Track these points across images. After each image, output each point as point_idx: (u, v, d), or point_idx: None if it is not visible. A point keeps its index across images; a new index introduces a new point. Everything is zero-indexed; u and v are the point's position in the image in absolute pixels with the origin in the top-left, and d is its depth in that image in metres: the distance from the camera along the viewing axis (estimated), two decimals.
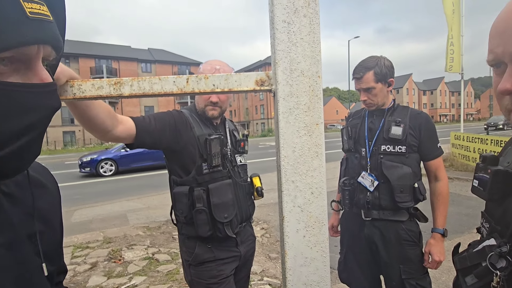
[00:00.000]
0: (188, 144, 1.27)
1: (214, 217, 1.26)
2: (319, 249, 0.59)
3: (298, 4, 0.60)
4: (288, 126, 0.60)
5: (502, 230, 0.61)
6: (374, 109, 1.58)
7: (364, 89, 1.53)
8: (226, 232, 1.27)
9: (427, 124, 1.52)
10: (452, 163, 7.80)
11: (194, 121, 1.32)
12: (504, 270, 0.56)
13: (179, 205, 1.29)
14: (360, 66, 1.54)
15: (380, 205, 1.52)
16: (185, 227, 1.33)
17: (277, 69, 0.61)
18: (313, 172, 0.59)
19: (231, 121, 1.55)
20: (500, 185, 0.63)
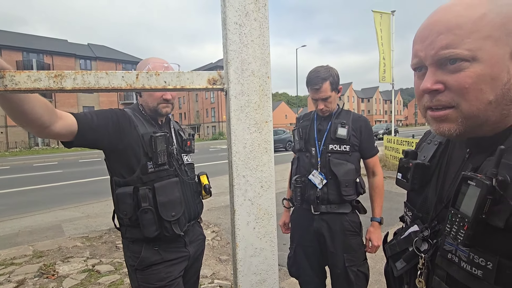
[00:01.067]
0: (132, 142, 1.23)
1: (161, 216, 1.23)
2: (268, 239, 0.63)
3: (249, 8, 0.63)
4: (239, 123, 0.62)
5: (423, 217, 0.67)
6: (326, 115, 1.72)
7: (323, 99, 1.66)
8: (174, 230, 1.25)
9: (366, 127, 1.72)
10: (385, 164, 8.68)
11: (138, 120, 1.28)
12: (427, 252, 0.62)
13: (123, 206, 1.23)
14: (317, 77, 1.65)
15: (328, 200, 1.65)
16: (130, 230, 1.27)
17: (229, 68, 0.63)
18: (263, 167, 0.63)
19: (176, 122, 1.55)
20: (419, 176, 0.70)
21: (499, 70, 0.50)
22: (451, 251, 0.55)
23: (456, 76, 0.51)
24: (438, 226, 0.62)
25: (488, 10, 0.50)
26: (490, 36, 0.49)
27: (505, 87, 0.51)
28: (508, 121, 0.54)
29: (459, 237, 0.51)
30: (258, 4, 0.63)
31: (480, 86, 0.50)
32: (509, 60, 0.51)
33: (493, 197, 0.47)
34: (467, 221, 0.49)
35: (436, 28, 0.52)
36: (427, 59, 0.54)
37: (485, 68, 0.50)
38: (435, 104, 0.55)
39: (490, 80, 0.50)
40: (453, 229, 0.52)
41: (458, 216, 0.52)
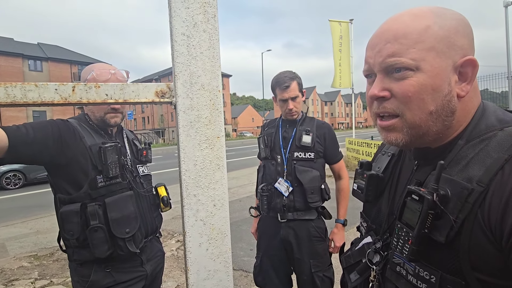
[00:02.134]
0: (78, 155, 1.13)
1: (114, 233, 1.14)
2: (222, 260, 0.60)
3: (197, 18, 0.60)
4: (189, 139, 0.59)
5: (377, 228, 0.67)
6: (295, 118, 1.73)
7: (292, 97, 1.67)
8: (128, 248, 1.17)
9: (330, 133, 1.77)
10: (347, 165, 9.07)
11: (84, 130, 1.18)
12: (378, 265, 0.62)
13: (69, 226, 1.12)
14: (285, 77, 1.67)
15: (294, 207, 1.66)
16: (78, 252, 1.16)
17: (177, 81, 0.60)
18: (215, 184, 0.60)
19: (130, 131, 1.46)
20: (373, 188, 0.70)
21: (441, 81, 0.51)
22: (400, 264, 0.56)
23: (401, 84, 0.52)
24: (389, 238, 0.62)
25: (432, 22, 0.51)
26: (433, 48, 0.51)
27: (446, 99, 0.52)
28: (450, 133, 0.56)
29: (404, 252, 0.51)
30: (207, 15, 0.61)
31: (422, 96, 0.52)
32: (451, 72, 0.52)
33: (435, 211, 0.48)
34: (412, 236, 0.50)
35: (384, 36, 0.54)
36: (376, 66, 0.55)
37: (427, 79, 0.51)
38: (382, 111, 0.56)
39: (432, 90, 0.51)
40: (399, 243, 0.53)
41: (403, 230, 0.52)
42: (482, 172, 0.47)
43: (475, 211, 0.46)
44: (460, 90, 0.53)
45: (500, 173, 0.46)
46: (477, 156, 0.50)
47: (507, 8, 8.75)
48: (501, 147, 0.48)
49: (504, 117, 0.54)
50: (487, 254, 0.45)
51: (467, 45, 0.53)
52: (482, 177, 0.47)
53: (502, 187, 0.45)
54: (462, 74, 0.53)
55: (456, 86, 0.53)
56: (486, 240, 0.45)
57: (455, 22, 0.52)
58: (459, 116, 0.54)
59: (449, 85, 0.52)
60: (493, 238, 0.45)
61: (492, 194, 0.45)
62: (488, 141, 0.50)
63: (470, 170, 0.49)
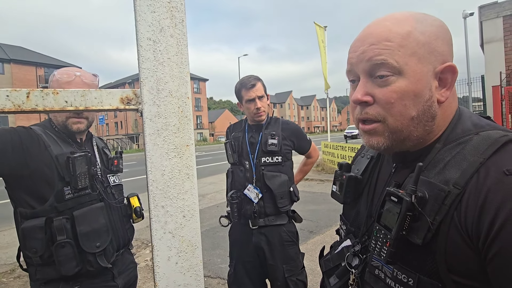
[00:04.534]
0: (42, 166, 1.05)
1: (83, 248, 1.07)
2: (193, 273, 0.58)
3: (164, 23, 0.59)
4: (156, 148, 0.57)
5: (356, 231, 0.67)
6: (263, 119, 1.72)
7: (259, 96, 1.67)
8: (99, 263, 1.10)
9: (296, 131, 1.80)
10: (324, 168, 9.27)
11: (50, 139, 1.10)
12: (357, 268, 0.61)
13: (32, 243, 1.04)
14: (250, 78, 1.69)
15: (265, 213, 1.65)
16: (41, 270, 1.08)
17: (143, 88, 0.57)
18: (185, 194, 0.58)
19: (100, 139, 1.39)
20: (352, 190, 0.69)
21: (422, 87, 0.52)
22: (378, 267, 0.56)
23: (384, 90, 0.53)
24: (368, 241, 0.61)
25: (413, 28, 0.52)
26: (415, 53, 0.51)
27: (427, 104, 0.53)
28: (430, 137, 0.56)
29: (382, 254, 0.51)
30: (175, 19, 0.59)
31: (404, 102, 0.52)
32: (431, 78, 0.53)
33: (413, 213, 0.48)
34: (390, 238, 0.49)
35: (368, 40, 0.54)
36: (359, 66, 0.55)
37: (409, 84, 0.51)
38: (364, 116, 0.56)
39: (413, 96, 0.52)
40: (377, 246, 0.52)
41: (382, 232, 0.52)
42: (459, 174, 0.48)
43: (452, 213, 0.46)
44: (440, 96, 0.54)
45: (475, 176, 0.46)
46: (453, 159, 0.50)
47: (465, 19, 9.42)
48: (477, 150, 0.49)
49: (479, 122, 0.55)
50: (463, 256, 0.46)
51: (447, 52, 0.54)
52: (459, 179, 0.47)
53: (478, 190, 0.45)
54: (442, 80, 0.54)
55: (437, 92, 0.54)
56: (462, 242, 0.46)
57: (435, 29, 0.53)
58: (439, 121, 0.55)
59: (430, 91, 0.53)
60: (469, 240, 0.45)
61: (468, 196, 0.46)
62: (464, 144, 0.51)
63: (447, 172, 0.49)
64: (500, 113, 5.86)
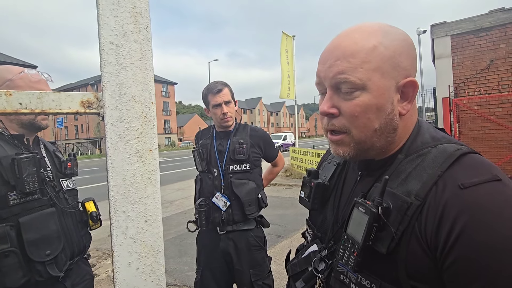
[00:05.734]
0: None
1: (30, 257, 1.01)
2: (155, 278, 0.57)
3: (127, 28, 0.59)
4: (118, 153, 0.56)
5: (322, 236, 0.68)
6: (230, 124, 1.72)
7: (225, 101, 1.67)
8: (49, 272, 1.04)
9: (264, 138, 1.83)
10: (292, 173, 9.47)
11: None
12: (323, 273, 0.63)
13: None
14: (216, 83, 1.69)
15: (233, 220, 1.66)
16: None
17: (104, 92, 0.57)
18: (147, 199, 0.58)
19: (51, 142, 1.33)
20: (319, 196, 0.71)
21: (385, 101, 0.54)
22: (343, 273, 0.57)
23: (349, 104, 0.55)
24: (334, 246, 0.63)
25: (379, 42, 0.53)
26: (379, 68, 0.53)
27: (389, 117, 0.55)
28: (392, 148, 0.59)
29: (350, 263, 0.53)
30: (139, 25, 0.59)
31: (367, 115, 0.55)
32: (394, 92, 0.55)
33: (378, 224, 0.50)
34: (357, 248, 0.52)
35: (335, 53, 0.56)
36: (326, 80, 0.57)
37: (372, 99, 0.54)
38: (331, 127, 0.59)
39: (376, 109, 0.54)
40: (345, 254, 0.54)
41: (349, 241, 0.54)
42: (419, 186, 0.50)
43: (413, 223, 0.49)
44: (401, 109, 0.56)
45: (434, 188, 0.49)
46: (414, 171, 0.53)
47: (419, 36, 10.25)
48: (435, 163, 0.52)
49: (436, 134, 0.58)
50: (422, 264, 0.48)
51: (410, 66, 0.56)
52: (419, 191, 0.50)
53: (436, 202, 0.48)
54: (404, 93, 0.56)
55: (398, 105, 0.56)
56: (421, 250, 0.48)
57: (400, 43, 0.55)
58: (400, 132, 0.58)
59: (392, 104, 0.55)
60: (428, 249, 0.48)
61: (428, 208, 0.48)
62: (423, 156, 0.54)
63: (408, 184, 0.52)
64: (449, 122, 6.43)
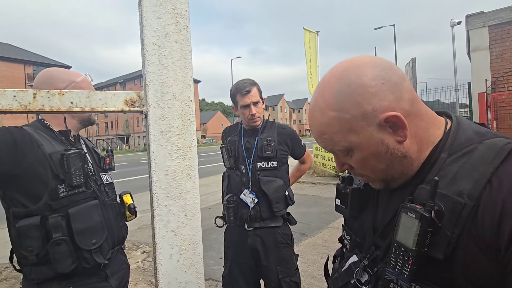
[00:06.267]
0: (35, 165, 1.05)
1: (79, 245, 1.08)
2: (194, 271, 0.60)
3: (169, 29, 0.61)
4: (160, 149, 0.59)
5: (361, 242, 0.66)
6: (258, 124, 1.74)
7: (254, 102, 1.68)
8: (96, 260, 1.11)
9: (292, 136, 1.82)
10: (315, 171, 9.35)
11: (42, 138, 1.10)
12: (368, 283, 0.60)
13: (28, 241, 1.04)
14: (245, 83, 1.69)
15: (261, 217, 1.67)
16: (36, 269, 1.08)
17: (148, 90, 0.59)
18: (187, 194, 0.60)
19: (88, 140, 1.42)
20: (357, 202, 0.69)
21: (375, 147, 0.54)
22: (393, 280, 0.55)
23: (351, 161, 0.58)
24: (375, 252, 0.61)
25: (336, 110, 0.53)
26: (350, 129, 0.53)
27: (388, 155, 0.54)
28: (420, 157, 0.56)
29: (405, 272, 0.50)
30: (179, 25, 0.61)
31: (369, 164, 0.56)
32: (379, 133, 0.53)
33: (432, 229, 0.48)
34: (412, 256, 0.49)
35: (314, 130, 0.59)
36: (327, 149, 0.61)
37: (363, 153, 0.55)
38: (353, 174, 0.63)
39: (373, 157, 0.55)
40: (398, 263, 0.52)
41: (401, 249, 0.51)
42: (471, 185, 0.48)
43: (468, 225, 0.47)
44: (398, 137, 0.54)
45: (488, 186, 0.47)
46: (462, 169, 0.50)
47: (453, 28, 9.69)
48: (485, 160, 0.49)
49: (479, 129, 0.56)
50: (482, 267, 0.46)
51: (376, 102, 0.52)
52: (472, 191, 0.48)
53: (493, 200, 0.46)
54: (392, 125, 0.53)
55: (393, 137, 0.54)
56: (481, 253, 0.46)
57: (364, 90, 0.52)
58: (414, 150, 0.56)
59: (383, 143, 0.54)
60: (488, 251, 0.46)
61: (484, 207, 0.46)
62: (470, 154, 0.52)
63: (458, 184, 0.50)
64: (486, 119, 6.05)
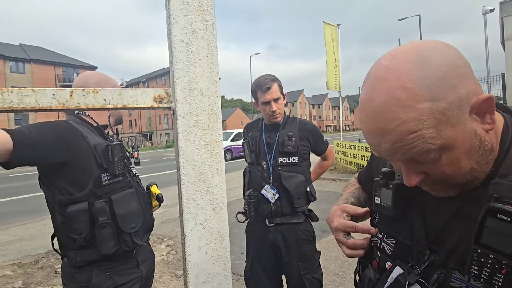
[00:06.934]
0: (82, 155, 1.15)
1: (122, 228, 1.18)
2: (221, 263, 0.61)
3: (196, 26, 0.62)
4: (188, 144, 0.60)
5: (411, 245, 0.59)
6: (279, 121, 1.73)
7: (274, 99, 1.68)
8: (135, 242, 1.21)
9: (314, 131, 1.80)
10: (336, 167, 9.19)
11: (86, 131, 1.20)
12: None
13: (78, 225, 1.13)
14: (266, 79, 1.69)
15: (282, 212, 1.67)
16: (81, 252, 1.16)
17: (176, 87, 0.61)
18: (214, 188, 0.61)
19: None
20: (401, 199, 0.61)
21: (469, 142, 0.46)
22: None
23: (435, 167, 0.47)
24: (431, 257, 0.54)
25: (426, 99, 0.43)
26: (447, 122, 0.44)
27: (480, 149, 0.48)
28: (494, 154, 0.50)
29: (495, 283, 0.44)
30: (205, 22, 0.62)
31: (460, 165, 0.47)
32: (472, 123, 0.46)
33: None
34: (506, 264, 0.43)
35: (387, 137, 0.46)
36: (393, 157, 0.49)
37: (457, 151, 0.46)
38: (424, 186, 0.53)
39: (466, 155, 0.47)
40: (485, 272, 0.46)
41: (489, 256, 0.45)
42: None
43: None
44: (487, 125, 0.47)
45: None
46: None
47: (485, 15, 9.12)
48: None
49: None
50: None
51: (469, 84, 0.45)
52: None
53: None
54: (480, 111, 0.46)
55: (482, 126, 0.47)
56: None
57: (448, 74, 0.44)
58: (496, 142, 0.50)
59: (477, 135, 0.46)
60: None
61: None
62: None
63: None
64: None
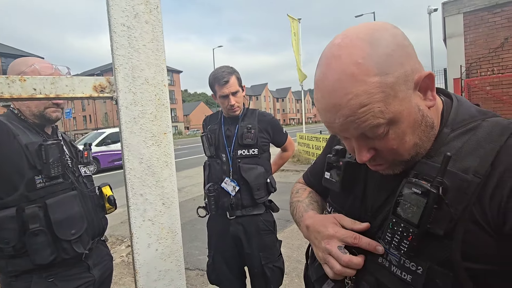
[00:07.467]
0: (11, 155, 1.02)
1: (58, 236, 1.06)
2: (174, 259, 0.59)
3: (138, 9, 0.57)
4: (133, 136, 0.56)
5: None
6: (238, 114, 1.71)
7: (232, 92, 1.64)
8: (75, 250, 1.10)
9: (273, 123, 1.81)
10: (299, 158, 9.47)
11: (17, 128, 1.07)
12: None
13: (4, 233, 1.01)
14: (223, 72, 1.64)
15: (242, 205, 1.67)
16: (13, 262, 1.04)
17: (117, 75, 0.56)
18: (164, 182, 0.58)
19: (65, 134, 1.37)
20: (349, 175, 0.64)
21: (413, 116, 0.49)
22: (382, 255, 0.54)
23: (383, 142, 0.50)
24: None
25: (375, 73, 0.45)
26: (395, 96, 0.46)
27: (423, 124, 0.50)
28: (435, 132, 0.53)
29: (402, 248, 0.49)
30: (149, 5, 0.58)
31: (405, 139, 0.50)
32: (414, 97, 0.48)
33: (438, 205, 0.46)
34: (412, 232, 0.47)
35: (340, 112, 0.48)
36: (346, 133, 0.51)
37: (403, 124, 0.48)
38: (375, 167, 0.55)
39: (411, 129, 0.49)
40: (395, 239, 0.50)
41: (401, 225, 0.49)
42: (477, 163, 0.47)
43: (472, 202, 0.46)
44: (429, 102, 0.50)
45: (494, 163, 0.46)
46: (467, 146, 0.49)
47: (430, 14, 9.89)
48: (491, 137, 0.48)
49: (480, 108, 0.55)
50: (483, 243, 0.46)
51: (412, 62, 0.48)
52: (478, 168, 0.46)
53: (501, 178, 0.45)
54: (422, 87, 0.49)
55: (424, 103, 0.50)
56: (482, 230, 0.46)
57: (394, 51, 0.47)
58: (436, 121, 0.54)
59: (420, 110, 0.49)
60: (488, 227, 0.45)
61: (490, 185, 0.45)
62: (474, 131, 0.50)
63: (464, 160, 0.48)
64: None
